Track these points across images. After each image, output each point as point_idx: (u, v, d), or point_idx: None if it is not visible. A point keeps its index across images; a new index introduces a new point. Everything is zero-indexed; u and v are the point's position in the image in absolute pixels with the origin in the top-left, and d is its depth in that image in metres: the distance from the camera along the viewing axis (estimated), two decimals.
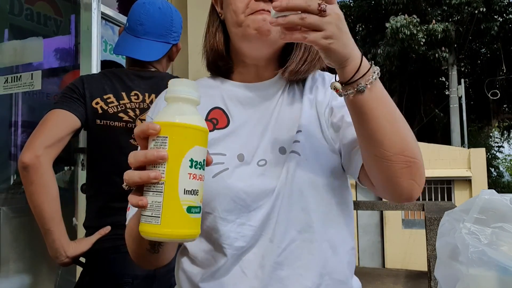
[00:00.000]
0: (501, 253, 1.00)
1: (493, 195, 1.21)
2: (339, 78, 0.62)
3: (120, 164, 1.28)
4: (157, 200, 0.51)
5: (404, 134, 0.65)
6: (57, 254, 1.22)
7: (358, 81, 0.60)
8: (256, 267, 0.71)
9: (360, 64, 0.60)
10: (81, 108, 1.26)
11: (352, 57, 0.60)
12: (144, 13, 1.38)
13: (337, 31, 0.57)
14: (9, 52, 2.18)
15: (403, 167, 0.65)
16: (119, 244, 1.23)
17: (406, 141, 0.65)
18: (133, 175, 0.52)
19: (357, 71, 0.60)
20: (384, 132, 0.63)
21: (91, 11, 1.80)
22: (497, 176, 20.88)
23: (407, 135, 0.66)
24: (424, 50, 13.35)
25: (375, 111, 0.62)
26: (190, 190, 0.52)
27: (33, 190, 1.15)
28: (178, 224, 0.52)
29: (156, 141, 0.52)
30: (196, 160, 0.53)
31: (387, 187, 0.69)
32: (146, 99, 1.32)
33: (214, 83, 0.85)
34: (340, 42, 0.57)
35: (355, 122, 0.67)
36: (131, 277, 1.20)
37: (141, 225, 0.53)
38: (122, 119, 1.28)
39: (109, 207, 1.27)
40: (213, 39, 0.83)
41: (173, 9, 1.43)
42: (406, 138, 0.65)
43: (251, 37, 0.74)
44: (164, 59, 1.43)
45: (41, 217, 1.17)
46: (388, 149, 0.64)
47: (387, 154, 0.64)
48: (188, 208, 0.52)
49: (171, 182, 0.51)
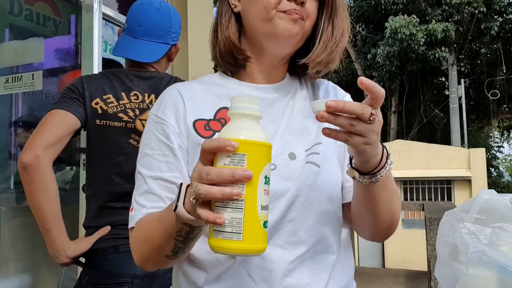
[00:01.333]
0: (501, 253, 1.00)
1: (493, 195, 1.21)
2: (357, 166, 0.65)
3: (120, 164, 1.29)
4: (238, 217, 0.52)
5: (396, 209, 0.74)
6: (57, 254, 1.22)
7: (376, 173, 0.64)
8: (263, 271, 0.70)
9: (381, 159, 0.63)
10: (81, 108, 1.26)
11: (379, 154, 0.63)
12: (142, 14, 1.38)
13: (376, 138, 0.59)
14: (10, 53, 2.19)
15: (387, 228, 0.76)
16: (118, 244, 1.23)
17: (395, 214, 0.74)
18: (213, 191, 0.51)
19: (378, 165, 0.63)
20: (382, 211, 0.71)
21: (92, 12, 1.80)
22: (497, 176, 20.88)
23: (397, 208, 0.74)
24: (424, 50, 13.35)
25: (379, 196, 0.69)
26: (265, 205, 0.54)
27: (33, 190, 1.15)
28: (257, 239, 0.53)
29: (232, 158, 0.53)
30: (268, 176, 0.55)
31: (366, 236, 0.81)
32: (145, 99, 1.32)
33: (220, 82, 0.82)
34: (374, 146, 0.60)
35: (357, 197, 0.73)
36: (131, 277, 1.20)
37: (218, 240, 0.53)
38: (122, 119, 1.28)
39: (108, 207, 1.27)
40: (226, 30, 0.78)
41: (172, 10, 1.43)
42: (396, 212, 0.74)
43: (279, 36, 0.73)
44: (163, 60, 1.43)
45: (40, 217, 1.17)
46: (380, 220, 0.73)
47: (377, 223, 0.74)
48: (264, 223, 0.54)
49: (251, 199, 0.52)
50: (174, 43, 1.43)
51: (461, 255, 1.04)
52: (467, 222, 1.38)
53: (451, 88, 15.25)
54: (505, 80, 16.26)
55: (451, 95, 15.22)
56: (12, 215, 1.64)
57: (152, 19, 1.39)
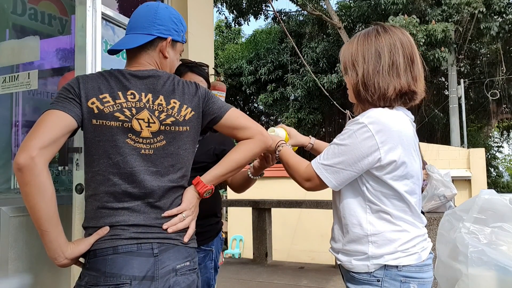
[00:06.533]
0: (500, 253, 1.00)
1: (492, 195, 1.21)
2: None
3: (117, 163, 1.28)
4: None
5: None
6: (55, 255, 1.21)
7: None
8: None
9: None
10: (77, 108, 1.25)
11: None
12: (134, 12, 1.44)
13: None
14: (7, 52, 2.18)
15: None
16: (117, 245, 1.22)
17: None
18: None
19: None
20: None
21: (85, 9, 1.78)
22: (496, 176, 20.88)
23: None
24: (424, 50, 13.34)
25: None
26: None
27: (28, 191, 1.14)
28: None
29: None
30: None
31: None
32: (142, 98, 1.32)
33: None
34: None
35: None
36: (130, 278, 1.20)
37: None
38: (118, 119, 1.27)
39: (107, 207, 1.26)
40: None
41: (163, 5, 1.44)
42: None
43: None
44: (154, 53, 1.41)
45: (37, 218, 1.16)
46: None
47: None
48: None
49: None
50: (163, 36, 1.41)
51: (461, 255, 1.04)
52: (467, 221, 1.38)
53: (450, 88, 15.24)
54: (504, 80, 16.25)
55: (450, 95, 15.22)
56: (12, 215, 1.64)
57: (138, 13, 1.43)
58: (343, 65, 1.44)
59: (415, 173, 1.34)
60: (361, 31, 1.43)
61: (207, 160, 1.86)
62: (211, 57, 3.32)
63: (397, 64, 1.33)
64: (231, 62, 18.55)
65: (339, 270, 1.45)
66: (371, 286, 1.29)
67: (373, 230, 1.30)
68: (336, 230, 1.41)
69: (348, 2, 17.79)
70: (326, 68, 16.38)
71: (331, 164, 1.32)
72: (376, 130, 1.27)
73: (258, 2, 17.98)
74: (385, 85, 1.33)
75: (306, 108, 16.88)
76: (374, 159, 1.27)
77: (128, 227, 1.25)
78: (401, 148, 1.28)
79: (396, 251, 1.28)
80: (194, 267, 1.35)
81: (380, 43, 1.35)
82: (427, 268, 1.31)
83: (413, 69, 1.35)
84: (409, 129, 1.34)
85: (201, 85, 1.46)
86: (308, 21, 17.86)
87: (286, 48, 17.66)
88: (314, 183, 1.37)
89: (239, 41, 21.46)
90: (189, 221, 1.35)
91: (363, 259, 1.30)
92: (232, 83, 18.36)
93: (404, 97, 1.36)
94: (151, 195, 1.29)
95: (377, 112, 1.30)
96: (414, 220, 1.34)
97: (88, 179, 1.31)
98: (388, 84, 1.33)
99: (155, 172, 1.30)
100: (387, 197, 1.31)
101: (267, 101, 16.88)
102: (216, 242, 2.05)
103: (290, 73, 16.90)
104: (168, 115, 1.32)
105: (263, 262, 5.96)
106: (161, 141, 1.32)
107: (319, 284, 4.80)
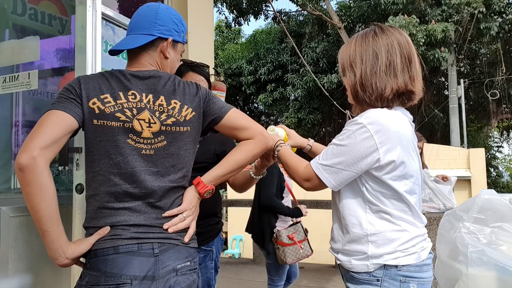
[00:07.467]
0: (500, 253, 1.00)
1: (492, 195, 1.22)
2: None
3: (118, 164, 1.28)
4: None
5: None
6: (56, 255, 1.22)
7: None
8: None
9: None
10: (78, 108, 1.25)
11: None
12: (135, 13, 1.44)
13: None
14: (7, 52, 2.18)
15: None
16: (118, 245, 1.23)
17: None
18: None
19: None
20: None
21: (85, 9, 1.79)
22: (496, 176, 20.90)
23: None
24: (424, 50, 13.34)
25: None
26: None
27: (30, 191, 1.14)
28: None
29: None
30: None
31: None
32: (143, 98, 1.32)
33: None
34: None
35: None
36: (130, 278, 1.20)
37: None
38: (119, 119, 1.28)
39: (108, 208, 1.27)
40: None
41: (163, 5, 1.44)
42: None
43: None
44: (155, 54, 1.41)
45: (38, 218, 1.17)
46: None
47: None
48: None
49: None
50: (164, 37, 1.41)
51: (461, 254, 1.04)
52: (467, 221, 1.38)
53: (450, 88, 15.25)
54: (504, 80, 16.26)
55: (450, 95, 15.22)
56: (12, 215, 1.64)
57: (139, 14, 1.43)
58: (341, 67, 1.44)
59: (415, 172, 1.34)
60: (359, 32, 1.43)
61: (208, 160, 1.86)
62: (211, 57, 3.32)
63: (394, 64, 1.33)
64: (231, 62, 18.56)
65: (339, 270, 1.46)
66: (370, 286, 1.29)
67: (373, 230, 1.30)
68: (336, 230, 1.41)
69: (348, 2, 17.80)
70: (326, 68, 16.39)
71: (330, 164, 1.32)
72: (374, 130, 1.27)
73: (258, 2, 17.98)
74: (382, 85, 1.33)
75: (306, 108, 16.89)
76: (373, 160, 1.28)
77: (128, 227, 1.25)
78: (400, 148, 1.29)
79: (396, 251, 1.28)
80: (194, 267, 1.36)
81: (377, 43, 1.35)
82: (426, 267, 1.32)
83: (410, 69, 1.35)
84: (408, 129, 1.34)
85: (202, 86, 1.46)
86: (308, 21, 17.86)
87: (286, 48, 17.67)
88: (314, 183, 1.37)
89: (239, 41, 21.47)
90: (189, 221, 1.35)
91: (362, 258, 1.30)
92: (232, 83, 18.37)
93: (402, 97, 1.36)
94: (152, 195, 1.29)
95: (376, 112, 1.31)
96: (414, 220, 1.34)
97: (88, 179, 1.31)
98: (385, 84, 1.33)
99: (156, 172, 1.31)
100: (386, 197, 1.31)
101: (267, 101, 16.89)
102: (217, 242, 2.05)
103: (290, 73, 16.90)
104: (168, 116, 1.33)
105: (263, 262, 5.95)
106: (161, 141, 1.32)
107: (319, 284, 4.80)
